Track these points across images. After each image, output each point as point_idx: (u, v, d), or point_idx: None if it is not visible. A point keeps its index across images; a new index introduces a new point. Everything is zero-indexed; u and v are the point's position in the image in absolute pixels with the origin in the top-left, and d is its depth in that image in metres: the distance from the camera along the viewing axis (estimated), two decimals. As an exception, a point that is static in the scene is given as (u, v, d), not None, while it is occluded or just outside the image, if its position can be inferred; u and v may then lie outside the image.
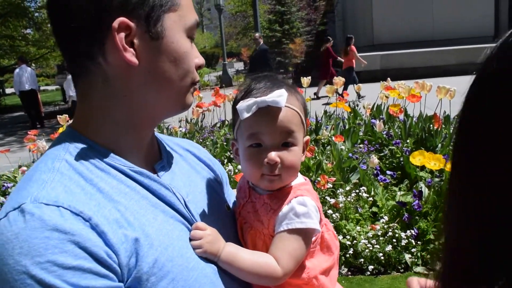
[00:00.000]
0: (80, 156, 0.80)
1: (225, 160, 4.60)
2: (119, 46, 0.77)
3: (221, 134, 5.38)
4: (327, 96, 5.72)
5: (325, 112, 5.83)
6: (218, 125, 5.98)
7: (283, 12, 23.36)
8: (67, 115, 5.38)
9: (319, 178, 3.74)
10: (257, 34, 13.98)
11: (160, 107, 0.88)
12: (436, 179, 3.89)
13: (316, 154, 4.29)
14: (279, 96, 0.92)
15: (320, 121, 5.39)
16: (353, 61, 12.74)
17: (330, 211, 3.63)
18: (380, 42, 17.99)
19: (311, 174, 4.05)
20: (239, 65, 36.59)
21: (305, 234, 0.94)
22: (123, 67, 0.80)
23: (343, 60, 13.05)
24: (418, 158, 3.48)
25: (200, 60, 0.91)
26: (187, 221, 0.89)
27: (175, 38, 0.84)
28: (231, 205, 1.11)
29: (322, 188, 3.71)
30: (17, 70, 13.17)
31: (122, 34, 0.78)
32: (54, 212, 0.69)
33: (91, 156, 0.81)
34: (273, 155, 0.93)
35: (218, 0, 20.68)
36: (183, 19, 0.86)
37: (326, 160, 4.31)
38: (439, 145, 4.47)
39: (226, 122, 5.90)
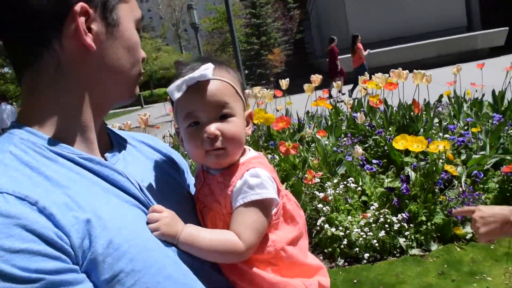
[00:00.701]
0: (26, 147, 0.78)
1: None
2: (80, 30, 0.78)
3: (206, 144, 5.38)
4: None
5: (307, 112, 5.86)
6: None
7: (259, 24, 23.64)
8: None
9: (306, 175, 3.75)
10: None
11: (111, 94, 0.88)
12: (422, 163, 3.92)
13: (301, 152, 4.31)
14: (205, 69, 0.91)
15: (302, 121, 5.42)
16: (363, 57, 13.09)
17: (320, 205, 3.64)
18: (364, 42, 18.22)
19: (297, 171, 4.06)
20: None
21: (262, 205, 0.92)
22: (79, 52, 0.80)
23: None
24: (400, 143, 3.51)
25: (143, 53, 0.94)
26: (143, 205, 0.87)
27: (128, 26, 0.87)
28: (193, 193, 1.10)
29: (310, 183, 3.72)
30: (-3, 108, 13.05)
31: (83, 19, 0.79)
32: None
33: (37, 145, 0.79)
34: (212, 128, 0.91)
35: (194, 19, 20.81)
36: (133, 11, 0.89)
37: (312, 156, 4.32)
38: (421, 129, 4.51)
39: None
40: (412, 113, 4.75)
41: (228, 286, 0.96)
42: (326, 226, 3.53)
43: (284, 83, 5.52)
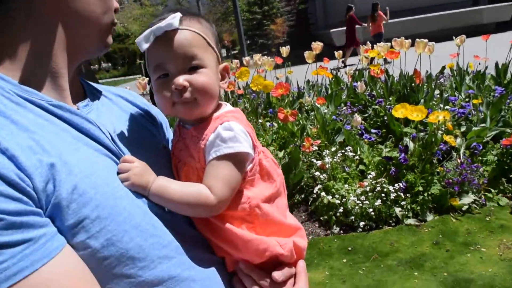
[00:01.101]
0: None
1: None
2: None
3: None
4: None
5: (308, 81, 5.79)
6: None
7: (262, -7, 23.23)
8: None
9: (304, 142, 3.72)
10: None
11: (82, 41, 0.85)
12: (421, 133, 3.89)
13: (300, 120, 4.27)
14: (173, 18, 0.88)
15: (302, 90, 5.36)
16: (382, 26, 13.01)
17: (317, 173, 3.62)
18: (362, 15, 17.92)
19: (296, 139, 4.03)
20: (223, 51, 36.45)
21: (235, 159, 0.90)
22: None
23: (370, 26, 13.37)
24: (400, 111, 3.47)
25: (116, 3, 0.91)
26: (114, 155, 0.85)
27: None
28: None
29: (308, 151, 3.69)
30: None
31: None
32: None
33: (5, 90, 0.76)
34: (180, 80, 0.89)
35: (195, -13, 20.46)
36: None
37: (310, 124, 4.29)
38: (422, 100, 4.46)
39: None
40: (413, 84, 4.68)
41: (202, 241, 0.94)
42: (323, 194, 3.52)
43: (285, 50, 5.44)
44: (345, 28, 14.50)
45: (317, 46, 5.09)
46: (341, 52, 5.77)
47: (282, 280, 0.93)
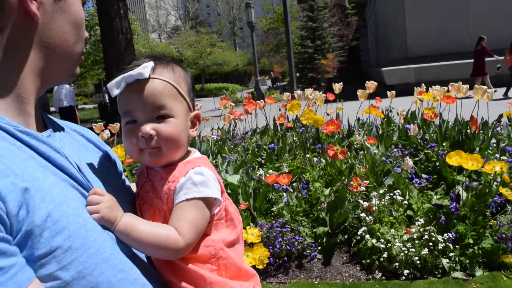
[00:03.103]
0: None
1: (257, 166, 4.58)
2: None
3: (252, 141, 5.37)
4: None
5: (358, 119, 5.74)
6: (249, 133, 5.98)
7: (315, 28, 23.48)
8: (101, 123, 5.49)
9: (352, 182, 3.66)
10: None
11: (52, 69, 0.85)
12: (474, 183, 3.74)
13: (349, 159, 4.21)
14: (144, 68, 0.91)
15: (352, 127, 5.31)
16: None
17: (363, 214, 3.54)
18: (414, 55, 17.78)
19: (343, 177, 3.97)
20: (270, 82, 36.90)
21: (204, 203, 0.93)
22: (23, 20, 0.77)
23: (507, 58, 13.68)
24: (454, 158, 3.37)
25: (86, 33, 0.92)
26: (82, 187, 0.83)
27: (75, 1, 0.86)
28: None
29: (355, 190, 3.62)
30: (55, 88, 13.44)
31: None
32: None
33: None
34: (147, 128, 0.92)
35: (250, 18, 20.93)
36: None
37: (359, 164, 4.22)
38: (477, 148, 4.32)
39: (258, 130, 5.90)
40: (468, 130, 4.55)
41: (163, 281, 0.94)
42: (367, 236, 3.43)
43: (338, 87, 5.43)
44: (400, 67, 14.39)
45: (371, 85, 5.06)
46: (393, 92, 5.68)
47: None
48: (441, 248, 3.28)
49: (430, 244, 3.30)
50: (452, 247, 3.31)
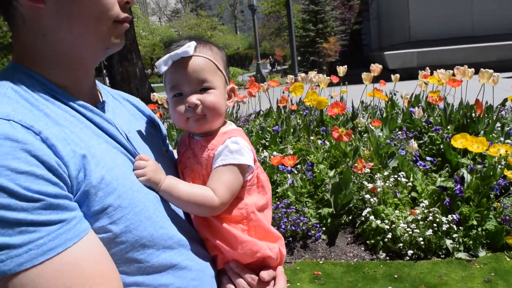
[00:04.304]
0: (25, 85, 0.84)
1: (261, 148, 4.59)
2: None
3: (256, 123, 5.38)
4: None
5: (362, 102, 5.74)
6: (253, 115, 5.98)
7: (317, 11, 23.28)
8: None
9: (356, 164, 3.68)
10: None
11: (79, 47, 0.89)
12: (479, 166, 3.76)
13: (353, 141, 4.22)
14: (188, 47, 1.03)
15: (356, 110, 5.31)
16: None
17: (367, 196, 3.57)
18: (417, 39, 17.66)
19: (348, 159, 3.99)
20: (273, 66, 36.63)
21: (238, 169, 1.04)
22: (32, 8, 0.83)
23: None
24: (460, 141, 3.37)
25: None
26: (129, 153, 0.94)
27: None
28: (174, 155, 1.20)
29: (360, 172, 3.64)
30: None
31: None
32: (4, 125, 0.72)
33: (35, 86, 0.85)
34: (193, 99, 1.04)
35: (252, 1, 20.75)
36: None
37: (363, 146, 4.23)
38: (482, 131, 4.32)
39: (261, 112, 5.89)
40: (473, 114, 4.55)
41: (199, 238, 1.05)
42: (372, 217, 3.46)
43: (342, 69, 5.41)
44: (402, 51, 14.26)
45: (376, 68, 5.04)
46: (397, 75, 5.66)
47: (268, 280, 1.05)
48: (445, 229, 3.32)
49: (434, 225, 3.33)
50: (456, 229, 3.34)
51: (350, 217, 3.69)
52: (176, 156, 1.20)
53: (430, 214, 3.35)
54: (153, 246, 0.88)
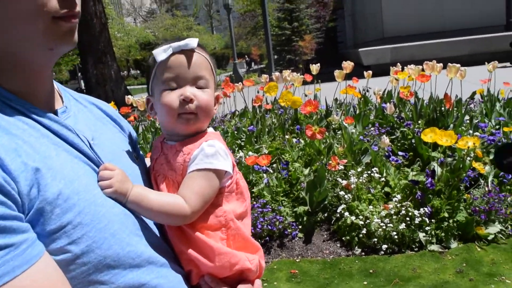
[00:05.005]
0: None
1: (236, 148, 4.61)
2: None
3: (231, 123, 5.39)
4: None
5: (336, 99, 5.80)
6: (228, 116, 5.99)
7: (292, 9, 23.37)
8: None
9: (330, 161, 3.72)
10: None
11: (19, 48, 0.79)
12: (449, 159, 3.84)
13: (327, 138, 4.27)
14: (191, 40, 1.00)
15: (330, 108, 5.37)
16: None
17: (342, 193, 3.61)
18: (390, 35, 17.90)
19: (322, 157, 4.03)
20: (249, 65, 36.61)
21: (213, 175, 0.98)
22: None
23: None
24: (429, 135, 3.44)
25: None
26: (93, 162, 0.87)
27: None
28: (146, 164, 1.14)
29: (333, 169, 3.69)
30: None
31: None
32: None
33: None
34: (188, 92, 0.99)
35: (227, 0, 20.71)
36: None
37: (337, 144, 4.28)
38: (451, 125, 4.42)
39: (236, 113, 5.91)
40: (443, 108, 4.64)
41: (171, 253, 0.98)
42: (346, 214, 3.51)
43: (315, 68, 5.46)
44: (376, 47, 14.44)
45: (348, 65, 5.11)
46: (370, 72, 5.74)
47: None
48: (417, 222, 3.38)
49: (407, 219, 3.39)
50: (428, 221, 3.42)
51: (326, 214, 3.73)
52: (149, 163, 1.13)
53: (403, 208, 3.41)
54: (119, 266, 0.80)
